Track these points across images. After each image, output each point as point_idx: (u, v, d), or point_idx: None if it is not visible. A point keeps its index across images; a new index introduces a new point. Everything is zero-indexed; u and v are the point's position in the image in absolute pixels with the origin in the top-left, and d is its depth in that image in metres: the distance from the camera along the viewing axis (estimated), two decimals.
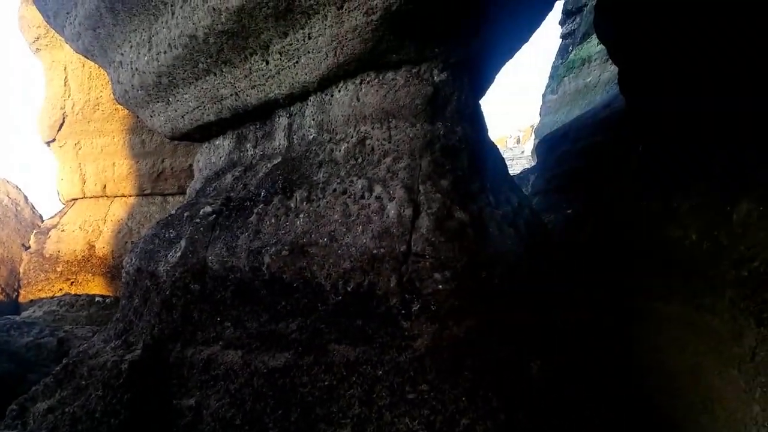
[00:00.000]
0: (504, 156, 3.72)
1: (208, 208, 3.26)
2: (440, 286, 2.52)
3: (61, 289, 8.82)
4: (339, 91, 3.16)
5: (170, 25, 3.57)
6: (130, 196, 9.22)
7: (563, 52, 14.26)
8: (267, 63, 3.32)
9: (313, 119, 3.32)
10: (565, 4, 14.30)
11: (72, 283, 8.91)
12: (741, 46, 3.36)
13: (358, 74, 3.04)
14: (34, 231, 9.81)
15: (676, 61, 3.85)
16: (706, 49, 3.58)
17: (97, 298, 8.34)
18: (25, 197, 11.10)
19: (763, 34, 3.23)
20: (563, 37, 14.63)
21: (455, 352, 2.55)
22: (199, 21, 3.28)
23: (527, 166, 18.05)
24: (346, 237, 2.70)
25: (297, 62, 3.16)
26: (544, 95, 14.13)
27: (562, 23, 14.77)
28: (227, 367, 2.74)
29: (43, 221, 10.55)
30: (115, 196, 9.31)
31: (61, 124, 9.10)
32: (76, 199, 9.55)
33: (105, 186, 9.20)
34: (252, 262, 2.84)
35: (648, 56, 4.18)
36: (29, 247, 9.44)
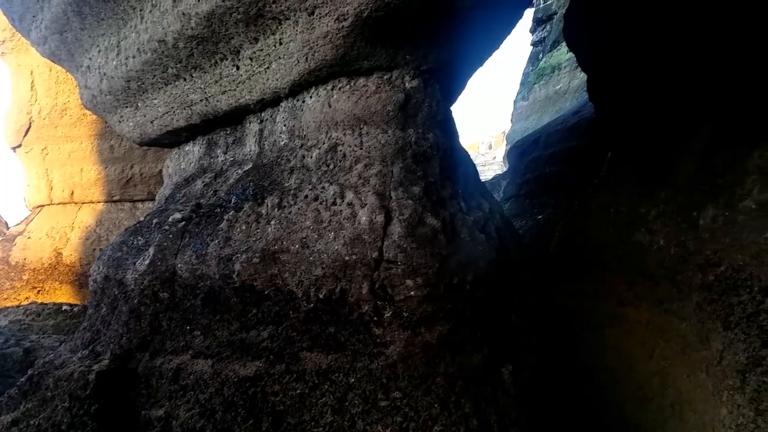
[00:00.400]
0: (477, 162, 3.74)
1: (178, 215, 3.22)
2: (412, 293, 2.52)
3: (27, 298, 8.64)
4: (310, 97, 3.14)
5: (139, 29, 3.52)
6: (99, 202, 9.07)
7: (534, 59, 14.43)
8: (238, 68, 3.29)
9: (285, 125, 3.30)
10: (535, 13, 14.50)
11: (39, 291, 8.74)
12: (707, 53, 3.42)
13: (330, 80, 3.03)
14: (0, 238, 9.60)
15: (644, 67, 3.91)
16: (674, 56, 3.65)
17: (64, 307, 8.17)
18: None
19: (729, 43, 3.30)
20: (534, 44, 14.81)
21: (427, 358, 2.54)
22: (169, 26, 3.25)
23: (499, 171, 18.21)
24: (317, 244, 2.69)
25: (268, 68, 3.14)
26: (515, 102, 14.27)
27: (532, 31, 14.96)
28: (197, 377, 2.69)
29: (9, 228, 10.32)
30: (83, 203, 9.15)
31: (28, 130, 8.94)
32: (43, 205, 9.37)
33: (72, 192, 9.05)
34: (222, 270, 2.81)
35: (615, 63, 4.25)
36: None
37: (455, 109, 3.46)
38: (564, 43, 9.76)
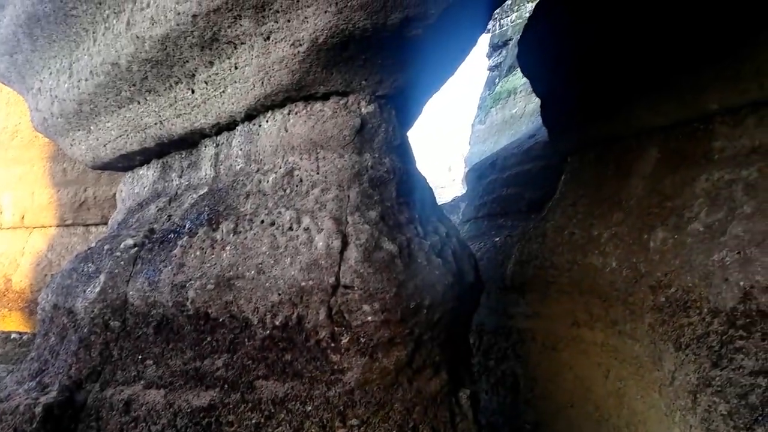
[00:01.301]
0: (436, 184, 3.76)
1: (130, 241, 3.15)
2: (369, 318, 2.51)
3: None
4: (267, 121, 3.13)
5: (92, 52, 3.47)
6: (51, 226, 8.80)
7: (490, 83, 14.66)
8: (193, 92, 3.26)
9: (241, 149, 3.28)
10: (491, 38, 14.77)
11: None
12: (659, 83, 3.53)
13: (286, 105, 3.03)
14: None
15: (593, 91, 4.02)
16: (616, 82, 3.76)
17: (13, 335, 7.89)
18: None
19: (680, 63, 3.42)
20: (490, 69, 15.05)
21: (385, 384, 2.53)
22: (122, 48, 3.21)
23: (458, 193, 18.37)
24: (274, 269, 2.66)
25: (224, 92, 3.13)
26: (473, 125, 14.44)
27: (489, 56, 15.21)
28: (149, 408, 2.62)
29: None
30: (34, 227, 8.87)
31: None
32: None
33: (23, 216, 8.77)
34: (175, 297, 2.75)
35: (566, 89, 4.35)
36: None
37: (414, 131, 3.49)
38: (519, 69, 9.98)
